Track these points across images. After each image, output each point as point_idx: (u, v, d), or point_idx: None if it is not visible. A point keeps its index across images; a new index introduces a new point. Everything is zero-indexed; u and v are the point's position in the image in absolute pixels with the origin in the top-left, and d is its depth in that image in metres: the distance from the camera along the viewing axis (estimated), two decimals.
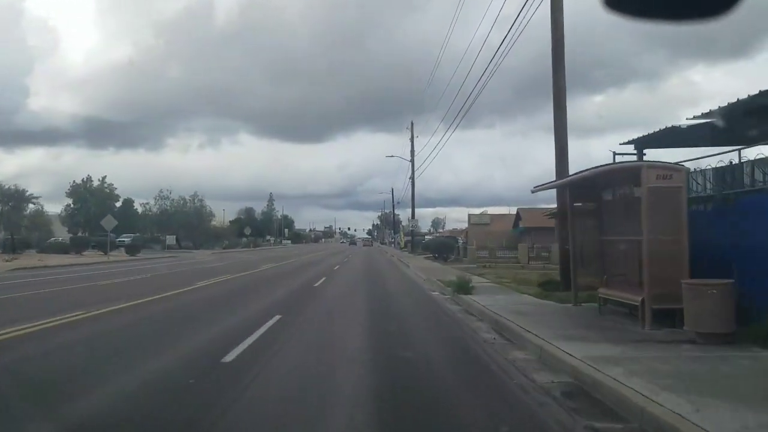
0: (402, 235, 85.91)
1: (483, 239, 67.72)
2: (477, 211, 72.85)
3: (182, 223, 76.38)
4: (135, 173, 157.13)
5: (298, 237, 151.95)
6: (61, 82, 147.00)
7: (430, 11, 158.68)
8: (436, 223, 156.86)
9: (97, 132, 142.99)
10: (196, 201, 77.45)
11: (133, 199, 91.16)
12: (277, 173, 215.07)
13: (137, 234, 73.50)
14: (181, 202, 76.88)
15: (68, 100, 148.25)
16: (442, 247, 35.22)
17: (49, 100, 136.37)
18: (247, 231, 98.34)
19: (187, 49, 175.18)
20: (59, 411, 4.93)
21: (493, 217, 71.70)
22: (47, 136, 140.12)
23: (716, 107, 11.03)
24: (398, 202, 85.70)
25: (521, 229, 62.04)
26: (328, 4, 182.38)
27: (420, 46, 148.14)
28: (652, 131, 13.46)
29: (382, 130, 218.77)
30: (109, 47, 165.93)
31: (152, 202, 77.97)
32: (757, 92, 9.77)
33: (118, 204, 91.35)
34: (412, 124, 56.31)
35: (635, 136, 14.45)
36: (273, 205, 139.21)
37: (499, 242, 54.91)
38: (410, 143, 55.90)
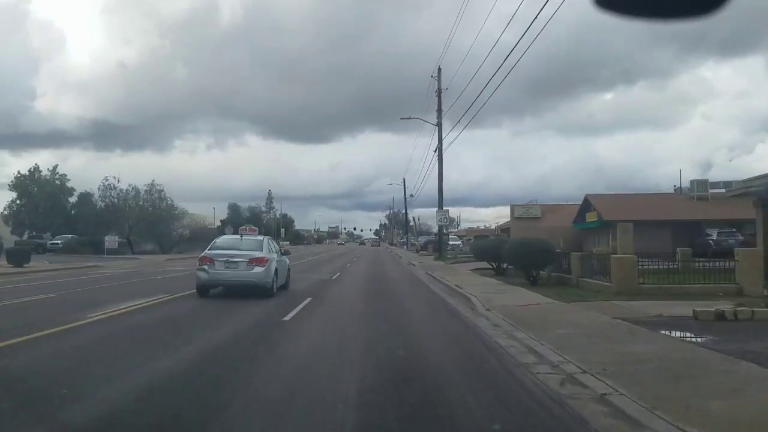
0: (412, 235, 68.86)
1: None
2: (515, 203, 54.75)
3: (137, 219, 58.71)
4: (141, 176, 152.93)
5: (298, 237, 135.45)
6: (64, 83, 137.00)
7: (437, 9, 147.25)
8: (448, 222, 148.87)
9: (102, 134, 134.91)
10: (153, 192, 59.35)
11: (91, 193, 73.70)
12: (284, 174, 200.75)
13: (72, 236, 56.28)
14: (132, 192, 58.89)
15: (72, 102, 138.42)
16: (531, 254, 17.03)
17: (53, 101, 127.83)
18: (228, 231, 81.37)
19: (192, 51, 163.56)
20: None
21: (544, 209, 53.68)
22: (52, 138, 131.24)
23: None
24: (411, 196, 69.47)
25: (597, 223, 43.96)
26: (334, 3, 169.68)
27: (426, 45, 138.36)
28: None
29: (388, 130, 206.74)
30: (112, 49, 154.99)
31: (97, 194, 59.78)
32: None
33: (73, 199, 74.07)
34: (439, 70, 38.43)
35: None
36: (272, 203, 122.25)
37: (555, 242, 37.23)
38: (437, 99, 38.16)
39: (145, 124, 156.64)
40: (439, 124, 38.45)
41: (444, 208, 40.30)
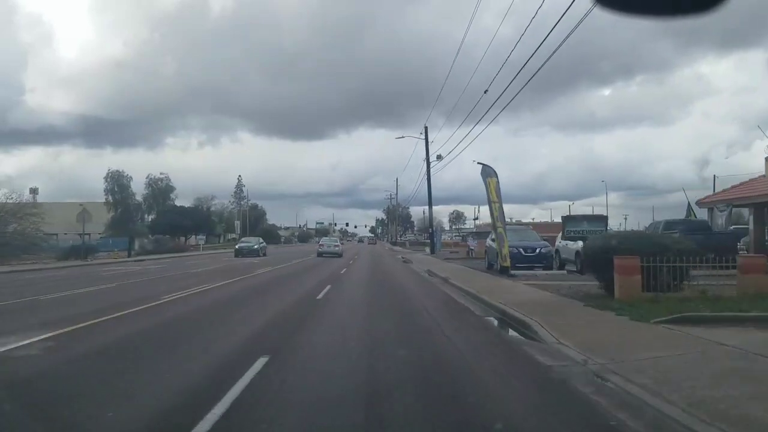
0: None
1: None
2: None
3: None
4: (134, 172, 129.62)
5: (271, 235, 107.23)
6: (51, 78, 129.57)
7: (432, 5, 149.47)
8: (454, 218, 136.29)
9: (93, 130, 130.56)
10: None
11: None
12: (277, 171, 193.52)
13: None
14: None
15: (58, 97, 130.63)
16: None
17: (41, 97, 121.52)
18: (81, 219, 53.43)
19: (183, 46, 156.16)
20: None
21: None
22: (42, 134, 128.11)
23: None
24: (438, 158, 49.60)
25: None
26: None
27: (425, 41, 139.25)
28: None
29: (383, 126, 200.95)
30: (102, 43, 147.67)
31: None
32: None
33: None
34: None
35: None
36: (242, 192, 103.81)
37: None
38: None
39: (136, 120, 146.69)
40: None
41: None
